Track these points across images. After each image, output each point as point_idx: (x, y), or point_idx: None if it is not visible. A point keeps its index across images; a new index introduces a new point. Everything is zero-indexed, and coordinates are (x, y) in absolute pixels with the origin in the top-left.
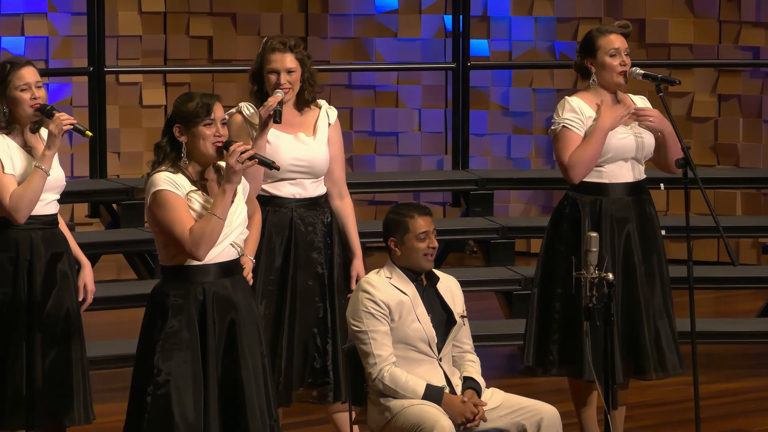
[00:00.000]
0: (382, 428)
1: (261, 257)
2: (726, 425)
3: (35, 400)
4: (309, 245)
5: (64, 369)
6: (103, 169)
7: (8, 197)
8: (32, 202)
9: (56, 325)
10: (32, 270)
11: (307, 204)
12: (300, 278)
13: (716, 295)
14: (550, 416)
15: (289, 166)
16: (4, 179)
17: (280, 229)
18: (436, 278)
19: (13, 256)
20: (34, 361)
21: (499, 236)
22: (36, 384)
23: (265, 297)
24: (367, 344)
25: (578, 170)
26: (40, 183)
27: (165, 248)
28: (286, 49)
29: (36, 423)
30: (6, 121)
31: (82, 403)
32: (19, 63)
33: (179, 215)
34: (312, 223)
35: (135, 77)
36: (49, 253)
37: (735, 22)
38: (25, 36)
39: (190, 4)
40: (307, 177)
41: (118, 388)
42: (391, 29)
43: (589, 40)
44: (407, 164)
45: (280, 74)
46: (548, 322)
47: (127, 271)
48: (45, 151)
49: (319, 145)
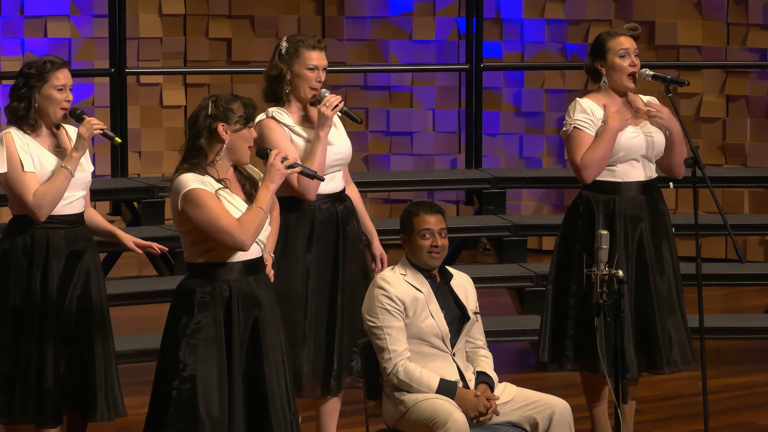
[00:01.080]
0: (397, 421)
1: (313, 252)
2: (734, 419)
3: (46, 396)
4: (353, 237)
5: (86, 365)
6: (125, 168)
7: (31, 195)
8: (55, 201)
9: (76, 323)
10: (48, 268)
11: (340, 196)
12: (348, 269)
13: (724, 292)
14: (561, 410)
15: (335, 161)
16: (24, 177)
17: (327, 226)
18: (450, 275)
19: (29, 253)
20: (45, 358)
21: (511, 234)
22: (47, 380)
23: (317, 293)
24: (383, 339)
25: (590, 171)
26: (64, 183)
27: (194, 246)
28: (323, 46)
29: (47, 418)
30: (35, 118)
31: (108, 398)
32: (57, 63)
33: (220, 209)
34: (347, 214)
35: (155, 78)
36: (69, 250)
37: (743, 25)
38: (48, 38)
39: (209, 7)
40: (340, 169)
41: (139, 383)
42: (406, 31)
43: (599, 42)
44: (421, 163)
45: (319, 71)
46: (563, 318)
47: (147, 267)
48: (73, 152)
49: (344, 134)
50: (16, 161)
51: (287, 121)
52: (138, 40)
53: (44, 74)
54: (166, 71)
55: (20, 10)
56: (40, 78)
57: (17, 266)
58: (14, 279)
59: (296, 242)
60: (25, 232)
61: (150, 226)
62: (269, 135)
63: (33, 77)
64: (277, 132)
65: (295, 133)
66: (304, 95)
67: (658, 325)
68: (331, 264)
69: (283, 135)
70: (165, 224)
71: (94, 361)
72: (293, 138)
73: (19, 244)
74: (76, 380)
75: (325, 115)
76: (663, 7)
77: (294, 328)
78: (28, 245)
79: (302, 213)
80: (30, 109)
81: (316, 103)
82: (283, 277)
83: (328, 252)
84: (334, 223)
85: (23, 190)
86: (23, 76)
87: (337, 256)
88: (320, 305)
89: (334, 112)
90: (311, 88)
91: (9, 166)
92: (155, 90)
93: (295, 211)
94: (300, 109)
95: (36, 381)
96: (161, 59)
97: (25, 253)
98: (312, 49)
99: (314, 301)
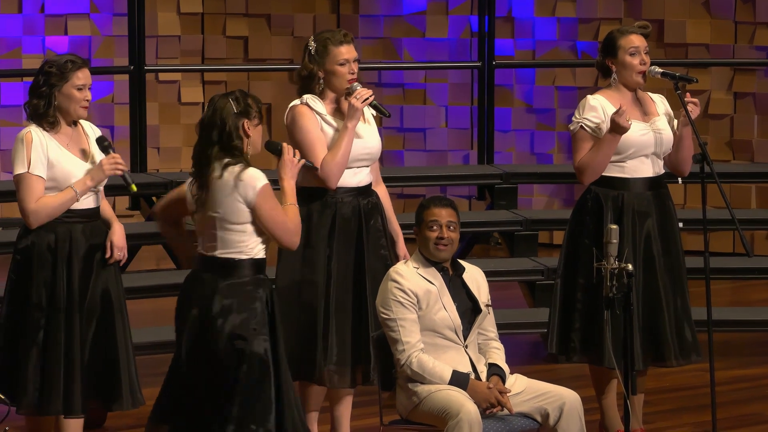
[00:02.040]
0: (410, 412)
1: (334, 246)
2: (741, 410)
3: (73, 386)
4: (375, 230)
5: (108, 356)
6: (143, 164)
7: (33, 201)
8: (51, 217)
9: (98, 314)
10: (71, 261)
11: (365, 191)
12: (371, 261)
13: (732, 285)
14: (571, 401)
15: (362, 155)
16: (31, 180)
17: (350, 218)
18: (462, 268)
19: (53, 247)
20: (72, 349)
21: (522, 228)
22: (74, 371)
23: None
24: (396, 331)
25: (586, 174)
26: (66, 204)
27: (243, 240)
28: (349, 39)
29: (75, 408)
30: (54, 116)
31: (129, 388)
32: (78, 62)
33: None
34: (371, 208)
35: (174, 76)
36: (89, 245)
37: (750, 23)
38: (69, 36)
39: (226, 6)
40: (368, 165)
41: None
42: (419, 29)
43: (610, 40)
44: (434, 159)
45: (351, 64)
46: (571, 311)
47: (166, 261)
48: (87, 179)
49: (374, 131)
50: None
51: (320, 109)
52: (157, 38)
53: (65, 73)
54: (184, 69)
55: (41, 8)
56: (61, 77)
57: (42, 261)
58: (39, 273)
59: (318, 233)
60: (46, 227)
61: None
62: (301, 120)
63: (54, 76)
64: (309, 118)
65: (326, 122)
66: (340, 88)
67: (665, 318)
68: (354, 257)
69: (314, 122)
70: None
71: (116, 351)
72: (323, 126)
73: (43, 239)
74: (100, 370)
75: (354, 107)
76: (672, 5)
77: (312, 318)
78: (51, 240)
79: (325, 205)
80: (50, 107)
81: (347, 95)
82: (305, 267)
83: (350, 245)
84: (357, 217)
85: (27, 193)
86: (44, 74)
87: (360, 250)
88: (342, 297)
89: (364, 104)
90: (348, 81)
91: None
92: (173, 87)
93: (319, 203)
94: (333, 101)
95: (64, 372)
96: (179, 57)
97: (49, 248)
98: (340, 45)
99: (335, 293)
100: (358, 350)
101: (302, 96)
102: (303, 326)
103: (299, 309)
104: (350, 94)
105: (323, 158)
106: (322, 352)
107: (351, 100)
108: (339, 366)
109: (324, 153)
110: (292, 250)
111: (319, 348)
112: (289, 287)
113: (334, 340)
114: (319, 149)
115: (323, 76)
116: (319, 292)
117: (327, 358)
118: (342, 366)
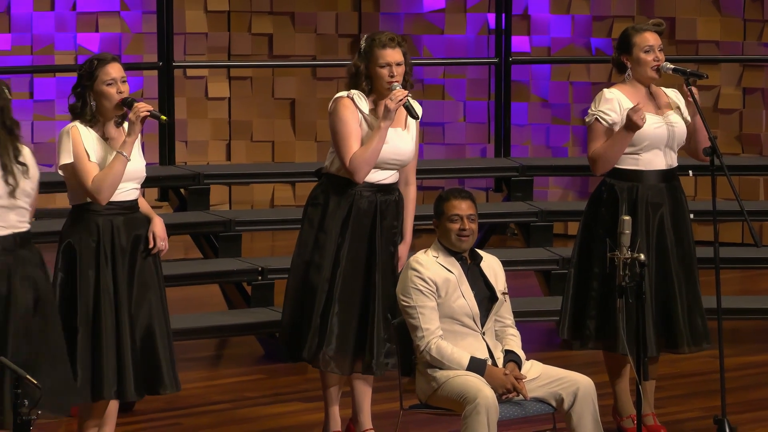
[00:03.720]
0: (429, 397)
1: (346, 236)
2: (750, 395)
3: (126, 372)
4: (390, 225)
5: (152, 342)
6: (172, 157)
7: (90, 180)
8: (113, 185)
9: (142, 302)
10: (114, 252)
11: (387, 188)
12: (382, 257)
13: (741, 275)
14: (585, 386)
15: (391, 159)
16: (87, 165)
17: (366, 209)
18: (480, 257)
19: (96, 239)
20: (123, 336)
21: (538, 219)
22: (126, 357)
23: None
24: (416, 318)
25: (599, 165)
26: (120, 167)
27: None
28: (395, 44)
29: (129, 393)
30: (91, 114)
31: (171, 372)
32: (105, 59)
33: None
34: (389, 204)
35: (201, 71)
36: (132, 235)
37: (759, 21)
38: (100, 33)
39: (252, 4)
40: (397, 168)
41: (187, 359)
42: (438, 27)
43: (626, 37)
44: (453, 152)
45: (392, 67)
46: (585, 299)
47: (193, 250)
48: (126, 137)
49: (411, 139)
50: (82, 152)
51: (363, 106)
52: (185, 35)
53: (92, 72)
54: (211, 65)
55: (73, 6)
56: (90, 76)
57: (88, 252)
58: (86, 265)
59: (333, 220)
60: (89, 220)
61: (195, 212)
62: (342, 111)
63: (83, 77)
64: (350, 111)
65: (366, 119)
66: (380, 89)
67: (678, 306)
68: (366, 251)
69: (354, 115)
70: (210, 209)
71: (157, 336)
72: (363, 123)
73: (86, 231)
74: (145, 355)
75: (387, 108)
76: (683, 3)
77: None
78: (93, 231)
79: (344, 195)
80: (86, 106)
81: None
82: (315, 250)
83: (363, 238)
84: (373, 212)
85: (85, 177)
86: (78, 75)
87: (372, 245)
88: (350, 287)
89: (397, 105)
90: (387, 82)
91: (75, 156)
92: (201, 83)
93: (339, 192)
94: (377, 101)
95: (117, 358)
96: (206, 53)
97: (94, 240)
98: (383, 48)
99: (341, 281)
100: (362, 341)
101: (351, 90)
102: (304, 307)
103: (303, 290)
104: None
105: (354, 152)
106: (321, 335)
107: (386, 101)
108: (338, 352)
109: (356, 147)
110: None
111: (316, 330)
112: (298, 267)
113: (335, 326)
114: (352, 142)
115: (368, 75)
116: (323, 276)
117: (326, 342)
118: (341, 353)
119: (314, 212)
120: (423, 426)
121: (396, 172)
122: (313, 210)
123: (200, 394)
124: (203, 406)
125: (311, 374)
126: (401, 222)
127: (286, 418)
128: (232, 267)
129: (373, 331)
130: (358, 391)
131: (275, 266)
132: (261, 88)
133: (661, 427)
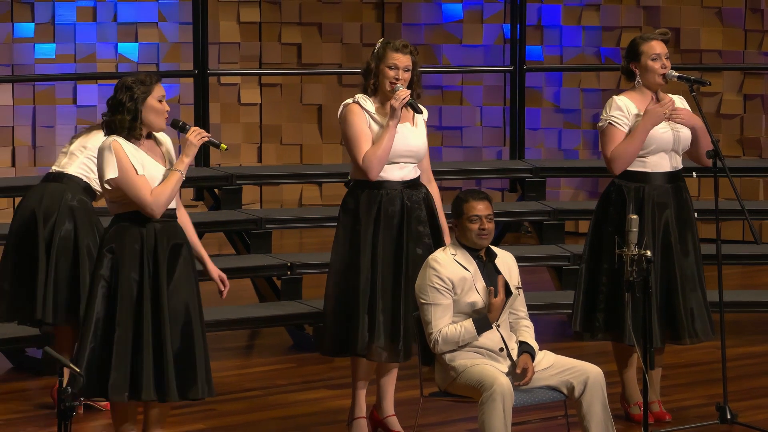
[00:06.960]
0: (449, 385)
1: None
2: (750, 384)
3: (164, 375)
4: (417, 220)
5: (189, 347)
6: (207, 159)
7: (149, 194)
8: (169, 200)
9: (180, 308)
10: (157, 258)
11: (411, 184)
12: (411, 248)
13: (742, 270)
14: (595, 375)
15: (403, 152)
16: (138, 180)
17: (394, 208)
18: (495, 254)
19: (139, 246)
20: (163, 340)
21: (550, 218)
22: (165, 361)
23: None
24: (429, 314)
25: (619, 163)
26: (177, 185)
27: None
28: (408, 51)
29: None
30: (130, 127)
31: (204, 377)
32: (155, 77)
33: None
34: (417, 201)
35: (234, 79)
36: (171, 243)
37: (759, 31)
38: (139, 42)
39: (282, 15)
40: (413, 161)
41: (221, 349)
42: (457, 37)
43: (634, 46)
44: (470, 155)
45: (399, 70)
46: (595, 293)
47: (227, 247)
48: (183, 157)
49: (421, 134)
50: (128, 166)
51: (369, 108)
52: (219, 44)
53: (148, 86)
54: (243, 72)
55: (113, 17)
56: (146, 90)
57: (131, 257)
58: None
59: (366, 222)
60: (132, 228)
61: (228, 210)
62: (350, 117)
63: (137, 91)
64: (358, 115)
65: (374, 120)
66: (385, 88)
67: (681, 300)
68: (395, 244)
69: (362, 119)
70: (242, 208)
71: (193, 342)
72: (371, 123)
73: (130, 238)
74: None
75: (393, 107)
76: (687, 15)
77: (355, 299)
78: (137, 238)
79: (373, 196)
80: (136, 120)
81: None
82: (352, 252)
83: (393, 233)
84: (401, 208)
85: (140, 191)
86: (127, 89)
87: (401, 238)
88: (387, 281)
89: (401, 103)
90: (390, 83)
91: (121, 170)
92: (234, 89)
93: (368, 193)
94: (382, 101)
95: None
96: (239, 62)
97: (138, 247)
98: (395, 51)
99: (381, 276)
100: (402, 329)
101: (356, 95)
102: (348, 307)
103: (345, 290)
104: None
105: (366, 152)
106: (370, 330)
107: (392, 101)
108: (388, 343)
109: (368, 147)
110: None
111: (365, 326)
112: (337, 270)
113: (381, 320)
114: (363, 143)
115: (377, 73)
116: (363, 275)
117: (376, 336)
118: (391, 343)
119: (346, 217)
120: (441, 412)
121: (414, 166)
122: (345, 215)
123: (233, 381)
124: (236, 393)
125: (338, 363)
126: (432, 215)
127: (313, 404)
128: (263, 262)
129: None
130: (384, 380)
131: (303, 262)
132: (290, 94)
133: (666, 414)
